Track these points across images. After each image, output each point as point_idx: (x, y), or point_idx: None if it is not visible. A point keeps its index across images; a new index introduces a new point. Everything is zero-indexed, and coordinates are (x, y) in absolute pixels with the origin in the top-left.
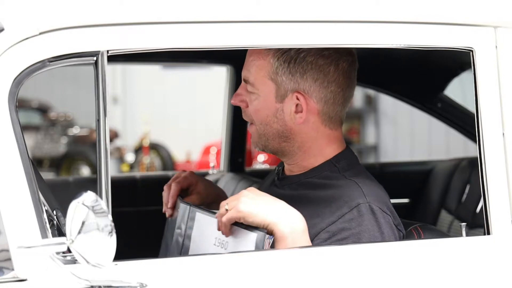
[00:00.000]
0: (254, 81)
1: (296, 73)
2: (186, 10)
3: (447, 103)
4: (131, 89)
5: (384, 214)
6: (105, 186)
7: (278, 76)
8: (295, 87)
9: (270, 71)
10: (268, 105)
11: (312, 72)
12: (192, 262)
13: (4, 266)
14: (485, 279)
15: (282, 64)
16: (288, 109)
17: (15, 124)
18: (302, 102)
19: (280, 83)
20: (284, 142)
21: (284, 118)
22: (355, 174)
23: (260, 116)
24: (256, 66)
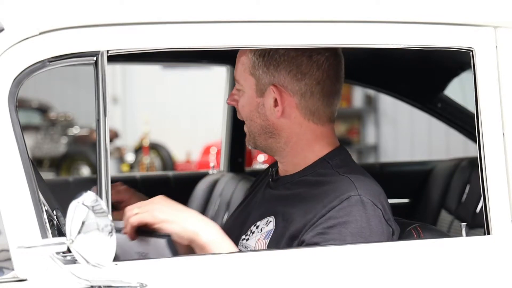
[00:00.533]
0: (239, 78)
1: (271, 65)
2: (186, 10)
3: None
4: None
5: (375, 207)
6: (105, 186)
7: (256, 70)
8: (271, 80)
9: (250, 66)
10: (250, 101)
11: (285, 64)
12: (192, 262)
13: (4, 266)
14: (485, 279)
15: (258, 58)
16: (268, 103)
17: (15, 124)
18: (277, 95)
19: (259, 77)
20: (270, 138)
21: (266, 113)
22: (348, 170)
23: (245, 112)
24: (240, 63)
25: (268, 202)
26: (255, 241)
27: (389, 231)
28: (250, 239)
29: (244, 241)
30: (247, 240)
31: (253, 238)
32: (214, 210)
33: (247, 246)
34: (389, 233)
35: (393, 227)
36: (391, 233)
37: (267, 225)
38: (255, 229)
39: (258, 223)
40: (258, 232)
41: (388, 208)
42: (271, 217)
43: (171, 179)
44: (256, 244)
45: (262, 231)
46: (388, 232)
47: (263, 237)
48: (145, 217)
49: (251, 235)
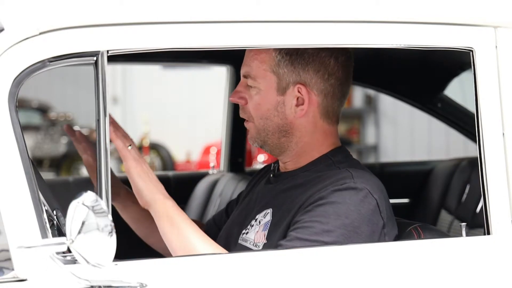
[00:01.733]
0: (256, 75)
1: (298, 65)
2: (186, 10)
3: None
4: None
5: (369, 195)
6: (105, 186)
7: (280, 69)
8: (297, 79)
9: (272, 64)
10: (269, 99)
11: (313, 64)
12: (192, 262)
13: (4, 266)
14: (485, 279)
15: (284, 57)
16: (290, 102)
17: (15, 124)
18: (305, 94)
19: (282, 76)
20: (283, 137)
21: (285, 112)
22: (349, 166)
23: (260, 110)
24: (258, 60)
25: (267, 196)
26: (254, 234)
27: (380, 223)
28: (250, 232)
29: (244, 235)
30: (247, 234)
31: (252, 231)
32: (214, 210)
33: (246, 239)
34: (379, 225)
35: (385, 220)
36: (381, 225)
37: (265, 217)
38: (254, 222)
39: (257, 216)
40: (256, 225)
41: (386, 202)
42: (269, 209)
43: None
44: (255, 236)
45: (260, 223)
46: (378, 223)
47: (262, 229)
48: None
49: (251, 228)
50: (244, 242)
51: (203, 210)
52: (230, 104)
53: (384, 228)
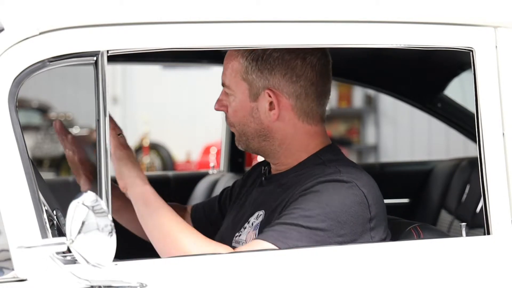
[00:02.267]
0: (229, 83)
1: (265, 70)
2: (186, 10)
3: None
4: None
5: (356, 188)
6: (105, 186)
7: (249, 75)
8: (265, 84)
9: (242, 71)
10: (243, 106)
11: (279, 68)
12: (192, 262)
13: (4, 266)
14: (485, 279)
15: (251, 63)
16: (263, 107)
17: (15, 124)
18: (274, 99)
19: (252, 82)
20: (263, 141)
21: (260, 117)
22: (339, 164)
23: (237, 116)
24: (229, 69)
25: (259, 199)
26: (246, 235)
27: (367, 216)
28: (242, 234)
29: (237, 237)
30: (240, 236)
31: (244, 233)
32: None
33: (239, 241)
34: (366, 218)
35: (372, 214)
36: (368, 219)
37: (257, 218)
38: (247, 224)
39: (250, 219)
40: (249, 227)
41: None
42: (261, 211)
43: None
44: (246, 237)
45: (253, 225)
46: (365, 216)
47: (253, 229)
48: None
49: (243, 230)
50: (237, 244)
51: None
52: None
53: (371, 222)
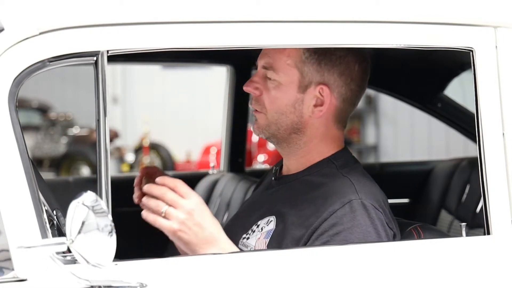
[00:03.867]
0: (278, 67)
1: (325, 65)
2: (186, 10)
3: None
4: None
5: (376, 211)
6: (105, 186)
7: (305, 66)
8: (320, 79)
9: (298, 60)
10: (288, 94)
11: (339, 67)
12: (192, 262)
13: (4, 266)
14: (485, 279)
15: (312, 54)
16: (308, 101)
17: (15, 124)
18: (326, 96)
19: (306, 73)
20: (294, 133)
21: (302, 110)
22: (350, 171)
23: (277, 104)
24: (284, 54)
25: (269, 201)
26: (255, 240)
27: (391, 234)
28: (251, 238)
29: (245, 240)
30: (248, 239)
31: (253, 237)
32: (214, 210)
33: (247, 245)
34: (391, 236)
35: (394, 230)
36: (392, 236)
37: (268, 225)
38: (256, 228)
39: (259, 222)
40: (258, 231)
41: (388, 211)
42: (272, 217)
43: None
44: (256, 243)
45: (262, 230)
46: (391, 234)
47: (263, 236)
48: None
49: (252, 234)
50: (244, 248)
51: None
52: (230, 104)
53: (395, 237)
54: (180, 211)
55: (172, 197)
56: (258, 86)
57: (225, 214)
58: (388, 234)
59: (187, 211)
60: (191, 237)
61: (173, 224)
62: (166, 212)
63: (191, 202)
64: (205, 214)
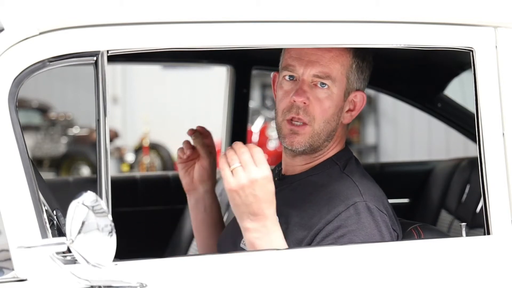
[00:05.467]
0: (335, 77)
1: (364, 72)
2: (186, 10)
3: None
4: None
5: (381, 213)
6: (105, 186)
7: (352, 73)
8: (359, 85)
9: (348, 67)
10: (337, 103)
11: (369, 72)
12: (192, 262)
13: (4, 266)
14: (485, 279)
15: (359, 63)
16: (346, 108)
17: (15, 124)
18: (360, 101)
19: (351, 81)
20: (326, 141)
21: (341, 117)
22: (353, 172)
23: (327, 114)
24: (339, 63)
25: None
26: None
27: (395, 235)
28: None
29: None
30: None
31: None
32: None
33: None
34: (395, 237)
35: (398, 232)
36: (396, 237)
37: None
38: None
39: None
40: None
41: (391, 212)
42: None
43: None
44: None
45: None
46: (394, 236)
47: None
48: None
49: None
50: (245, 247)
51: None
52: (230, 104)
53: (399, 238)
54: (246, 175)
55: (246, 159)
56: (309, 96)
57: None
58: (392, 236)
59: (251, 179)
60: (242, 202)
61: (232, 183)
62: (234, 169)
63: (259, 172)
64: (266, 189)
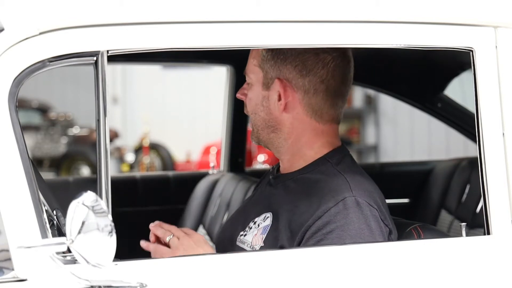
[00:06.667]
0: (250, 70)
1: (278, 59)
2: (186, 10)
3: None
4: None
5: (371, 208)
6: (105, 186)
7: (265, 63)
8: (277, 73)
9: (259, 60)
10: (257, 94)
11: (291, 59)
12: (192, 262)
13: (4, 266)
14: (485, 279)
15: (268, 52)
16: (273, 97)
17: (15, 124)
18: (281, 89)
19: (266, 71)
20: (272, 132)
21: (269, 106)
22: (346, 169)
23: (251, 105)
24: (251, 57)
25: (266, 199)
26: (252, 236)
27: (387, 231)
28: (248, 235)
29: (242, 237)
30: (245, 236)
31: (250, 233)
32: (214, 210)
33: (244, 241)
34: (387, 233)
35: (390, 226)
36: (388, 232)
37: (265, 221)
38: (252, 224)
39: (256, 219)
40: (255, 228)
41: (384, 207)
42: (269, 213)
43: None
44: (253, 239)
45: (259, 226)
46: (386, 231)
47: (260, 232)
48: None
49: (249, 230)
50: (241, 244)
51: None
52: (230, 104)
53: (391, 234)
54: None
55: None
56: (244, 91)
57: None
58: (383, 231)
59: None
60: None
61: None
62: (170, 240)
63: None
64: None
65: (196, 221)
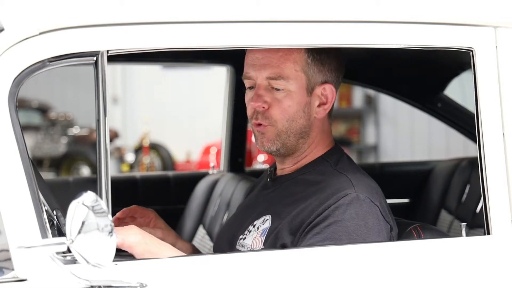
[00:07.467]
0: (289, 76)
1: (326, 63)
2: (186, 10)
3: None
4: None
5: (372, 204)
6: (105, 186)
7: (310, 68)
8: (324, 78)
9: (304, 64)
10: (299, 100)
11: (335, 63)
12: (192, 262)
13: (4, 266)
14: (485, 279)
15: (315, 56)
16: (314, 103)
17: (15, 124)
18: (330, 94)
19: (311, 76)
20: (301, 138)
21: (310, 112)
22: (345, 167)
23: (288, 112)
24: (290, 61)
25: (265, 201)
26: (251, 240)
27: (387, 228)
28: (247, 238)
29: (242, 240)
30: (244, 239)
31: (250, 236)
32: (214, 210)
33: (244, 245)
34: (387, 230)
35: (391, 223)
36: (389, 229)
37: (264, 223)
38: (252, 228)
39: (255, 222)
40: (254, 231)
41: (385, 205)
42: (268, 216)
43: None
44: (252, 242)
45: (258, 229)
46: (386, 229)
47: (259, 235)
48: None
49: (248, 234)
50: (241, 248)
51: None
52: (230, 104)
53: (392, 231)
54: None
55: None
56: (266, 99)
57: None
58: (382, 229)
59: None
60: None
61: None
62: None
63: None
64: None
65: (196, 221)
